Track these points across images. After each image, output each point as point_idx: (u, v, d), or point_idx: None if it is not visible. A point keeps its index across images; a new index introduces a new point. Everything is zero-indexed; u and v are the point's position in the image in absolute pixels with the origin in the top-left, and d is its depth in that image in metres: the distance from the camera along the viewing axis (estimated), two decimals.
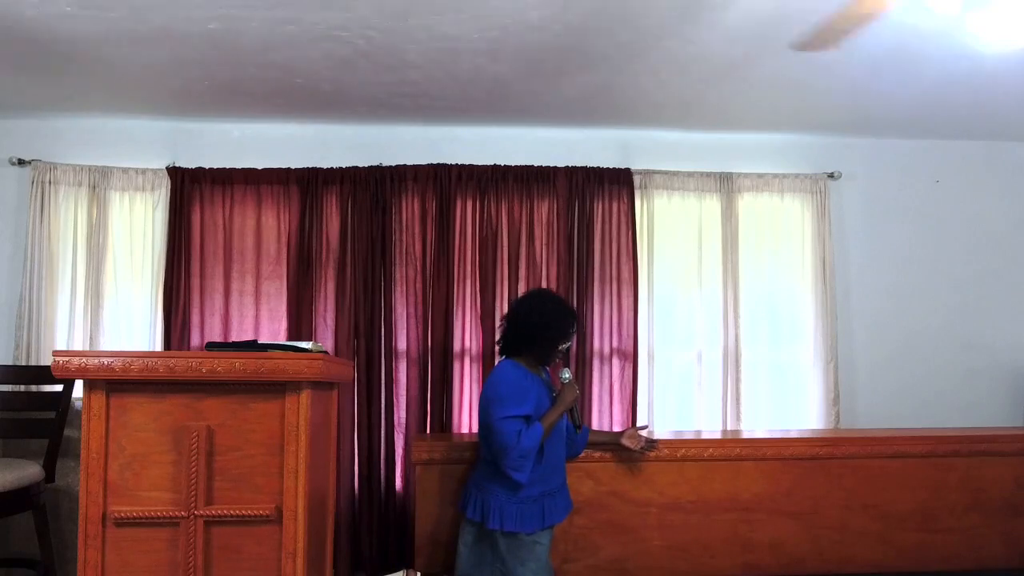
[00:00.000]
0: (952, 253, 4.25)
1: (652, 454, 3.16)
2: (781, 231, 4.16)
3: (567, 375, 2.86)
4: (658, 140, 4.14)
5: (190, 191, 3.87)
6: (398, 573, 3.84)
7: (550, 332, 2.79)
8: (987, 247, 4.27)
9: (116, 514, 2.16)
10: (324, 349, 2.64)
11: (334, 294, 3.89)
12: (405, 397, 3.87)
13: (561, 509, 2.84)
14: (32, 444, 3.51)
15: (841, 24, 2.58)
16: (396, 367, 3.88)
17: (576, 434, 3.00)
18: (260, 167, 3.92)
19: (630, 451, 3.08)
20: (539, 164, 4.00)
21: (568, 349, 2.91)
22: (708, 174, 4.11)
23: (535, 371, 2.84)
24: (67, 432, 3.47)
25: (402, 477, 3.85)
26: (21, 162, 3.86)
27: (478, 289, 3.93)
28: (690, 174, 4.10)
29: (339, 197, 3.93)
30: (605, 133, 4.11)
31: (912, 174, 4.28)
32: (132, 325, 3.89)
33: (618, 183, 4.03)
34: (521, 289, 3.93)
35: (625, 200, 4.02)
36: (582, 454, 3.11)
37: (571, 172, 4.00)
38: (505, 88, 3.55)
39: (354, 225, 3.90)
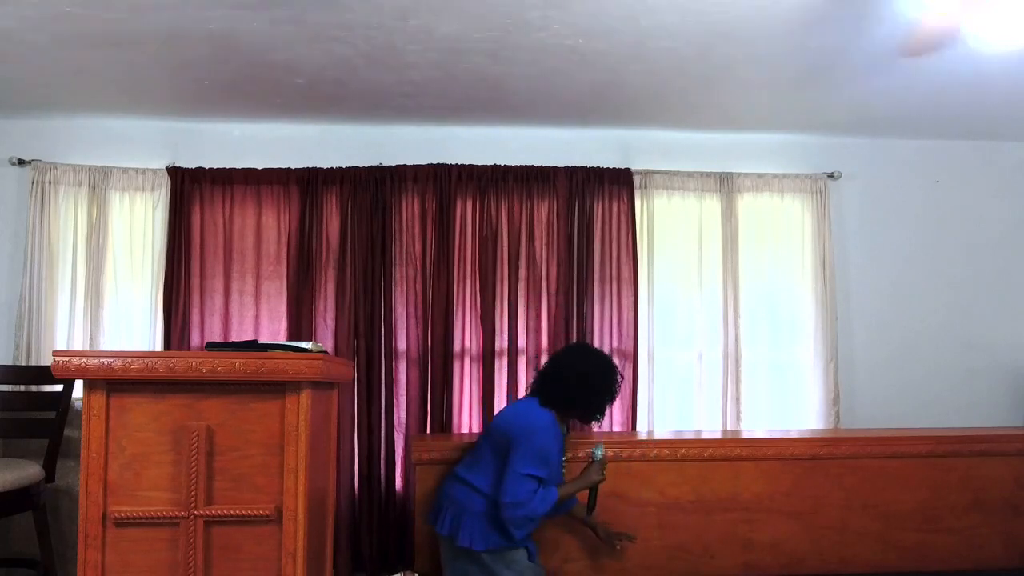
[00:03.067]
0: (952, 253, 4.25)
1: (652, 453, 3.17)
2: (781, 231, 4.15)
3: (600, 452, 2.84)
4: (658, 140, 4.14)
5: (190, 191, 3.87)
6: (396, 575, 3.83)
7: (601, 391, 2.80)
8: (987, 247, 4.27)
9: (116, 514, 2.16)
10: (324, 349, 2.64)
11: (334, 294, 3.89)
12: (405, 397, 3.87)
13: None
14: (32, 444, 3.51)
15: (933, 32, 2.61)
16: (396, 367, 3.88)
17: (588, 517, 2.97)
18: (260, 167, 3.92)
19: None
20: (539, 164, 4.00)
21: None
22: (708, 174, 4.11)
23: (561, 426, 2.83)
24: (67, 432, 3.46)
25: (402, 477, 3.85)
26: (21, 162, 3.86)
27: (478, 289, 3.93)
28: (690, 174, 4.10)
29: (339, 197, 3.93)
30: (605, 133, 4.11)
31: (912, 174, 4.28)
32: (132, 325, 3.89)
33: (618, 183, 4.03)
34: (521, 289, 3.93)
35: (625, 200, 4.02)
36: (581, 454, 3.12)
37: (571, 172, 4.00)
38: (505, 88, 3.55)
39: (354, 225, 3.90)
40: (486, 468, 2.79)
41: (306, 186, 3.91)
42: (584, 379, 2.80)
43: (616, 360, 3.89)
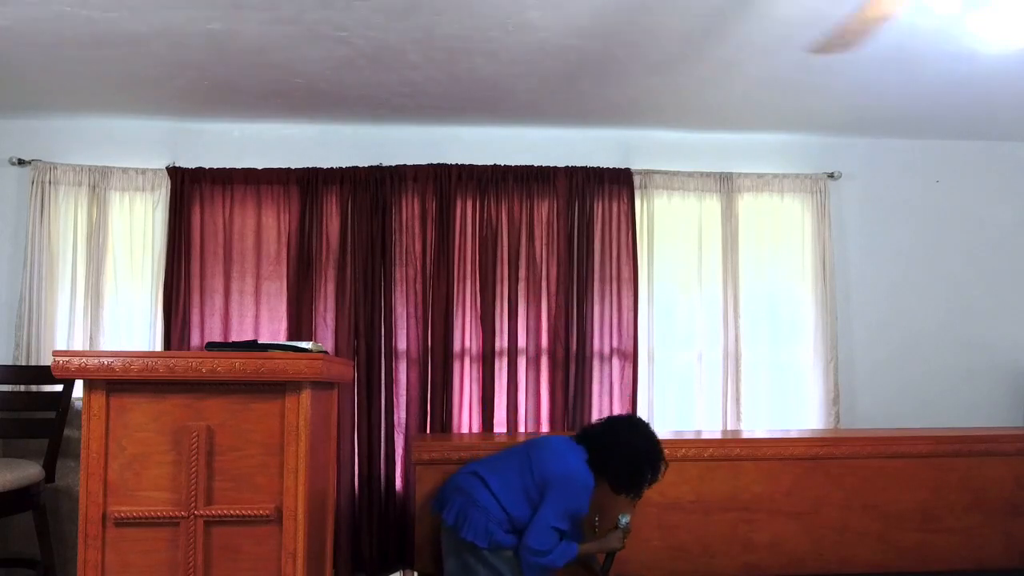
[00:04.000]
0: (952, 253, 4.25)
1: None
2: (781, 231, 4.15)
3: (625, 520, 2.86)
4: (658, 140, 4.14)
5: (190, 191, 3.87)
6: (395, 574, 3.84)
7: (643, 472, 2.80)
8: (987, 247, 4.26)
9: (116, 514, 2.16)
10: (324, 349, 2.64)
11: (334, 294, 3.89)
12: (405, 397, 3.87)
13: None
14: (32, 444, 3.51)
15: (856, 26, 2.59)
16: (396, 367, 3.88)
17: None
18: (260, 167, 3.92)
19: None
20: (539, 164, 4.00)
21: None
22: (708, 174, 4.11)
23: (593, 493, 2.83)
24: (67, 432, 3.47)
25: (402, 477, 3.85)
26: (21, 162, 3.86)
27: (478, 289, 3.93)
28: (690, 174, 4.10)
29: (339, 197, 3.93)
30: (605, 133, 4.11)
31: (912, 174, 4.27)
32: (132, 325, 3.89)
33: (618, 183, 4.03)
34: (521, 289, 3.93)
35: (625, 200, 4.02)
36: None
37: (571, 172, 4.00)
38: (505, 88, 3.55)
39: (354, 225, 3.90)
40: (506, 477, 2.81)
41: (306, 186, 3.91)
42: (631, 455, 2.80)
43: (616, 360, 3.93)
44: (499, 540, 2.72)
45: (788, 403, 4.09)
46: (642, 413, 3.95)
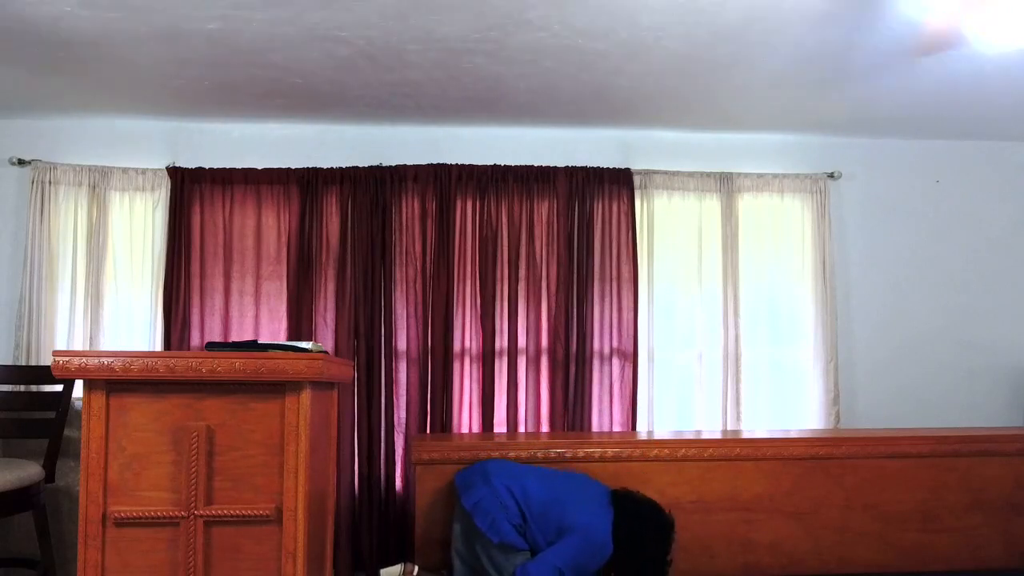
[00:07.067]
0: (952, 253, 4.25)
1: (652, 453, 3.17)
2: (781, 231, 4.15)
3: None
4: (658, 140, 4.14)
5: (190, 191, 3.87)
6: (396, 566, 3.84)
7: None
8: (987, 247, 4.26)
9: (116, 514, 2.16)
10: (324, 349, 2.64)
11: (334, 294, 3.89)
12: (405, 397, 3.87)
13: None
14: (32, 444, 3.50)
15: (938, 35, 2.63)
16: (396, 367, 3.88)
17: None
18: (260, 167, 3.92)
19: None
20: (539, 164, 4.00)
21: None
22: (708, 174, 4.11)
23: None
24: (67, 432, 3.46)
25: (402, 477, 3.85)
26: (21, 162, 3.86)
27: (478, 289, 3.93)
28: (690, 174, 4.10)
29: (339, 197, 3.93)
30: (605, 133, 4.11)
31: (912, 174, 4.28)
32: (132, 325, 3.89)
33: (618, 183, 4.03)
34: (521, 289, 3.93)
35: (625, 200, 4.02)
36: (582, 454, 3.12)
37: (571, 172, 4.00)
38: (505, 88, 3.55)
39: (354, 225, 3.90)
40: (536, 490, 2.83)
41: (306, 186, 3.91)
42: (643, 558, 2.78)
43: (616, 360, 3.93)
44: (511, 540, 2.73)
45: (788, 403, 4.09)
46: (642, 413, 3.96)
